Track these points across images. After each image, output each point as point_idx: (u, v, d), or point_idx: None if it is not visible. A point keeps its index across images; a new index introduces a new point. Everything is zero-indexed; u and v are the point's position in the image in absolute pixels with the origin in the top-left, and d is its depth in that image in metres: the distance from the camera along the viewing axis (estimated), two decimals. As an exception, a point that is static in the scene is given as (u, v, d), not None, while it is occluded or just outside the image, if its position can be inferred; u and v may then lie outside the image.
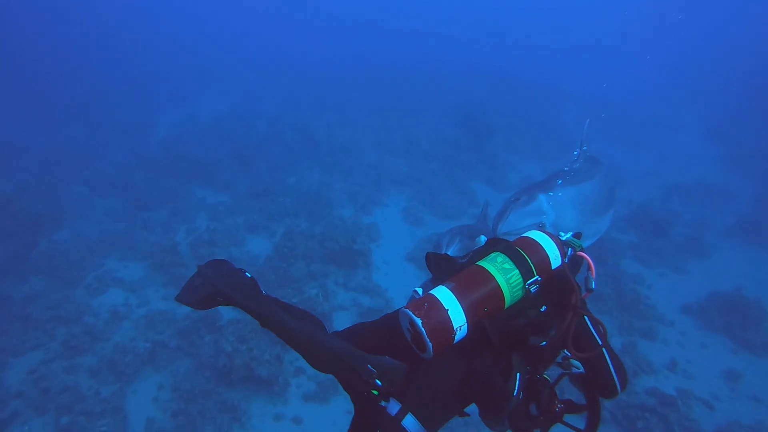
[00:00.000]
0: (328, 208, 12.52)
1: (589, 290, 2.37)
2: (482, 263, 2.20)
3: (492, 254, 2.25)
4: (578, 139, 7.64)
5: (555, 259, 2.30)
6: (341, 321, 8.91)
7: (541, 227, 4.06)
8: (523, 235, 2.41)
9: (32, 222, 10.78)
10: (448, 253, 4.34)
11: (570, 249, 2.50)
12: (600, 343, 2.23)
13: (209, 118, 19.30)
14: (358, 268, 10.23)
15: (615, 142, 19.23)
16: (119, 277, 9.72)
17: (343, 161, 15.50)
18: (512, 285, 2.14)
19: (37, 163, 14.68)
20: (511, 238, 3.98)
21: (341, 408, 7.48)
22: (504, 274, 2.14)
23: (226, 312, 8.79)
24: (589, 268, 2.47)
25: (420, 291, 2.25)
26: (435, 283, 2.20)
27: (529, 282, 2.16)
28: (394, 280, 10.24)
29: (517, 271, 2.16)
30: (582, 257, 2.52)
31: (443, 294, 2.05)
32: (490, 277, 2.12)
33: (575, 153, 6.40)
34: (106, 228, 11.40)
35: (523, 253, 2.24)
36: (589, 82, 24.26)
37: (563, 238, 2.66)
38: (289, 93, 22.63)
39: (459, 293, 2.04)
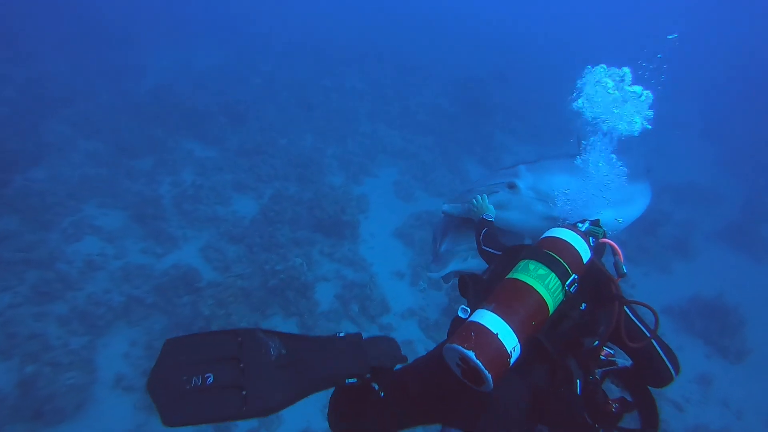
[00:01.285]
0: (318, 174, 12.22)
1: (621, 275, 2.29)
2: (515, 275, 2.04)
3: (522, 263, 2.09)
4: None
5: (585, 252, 2.18)
6: (323, 292, 8.77)
7: (511, 186, 3.89)
8: (545, 235, 2.28)
9: (8, 158, 10.28)
10: (443, 247, 4.25)
11: (592, 238, 2.42)
12: (648, 334, 2.13)
13: (203, 67, 18.61)
14: (345, 239, 10.04)
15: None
16: (97, 224, 9.36)
17: (337, 127, 15.11)
18: (552, 290, 2.00)
19: (17, 95, 13.96)
20: (479, 196, 3.75)
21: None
22: (542, 281, 1.99)
23: (207, 273, 8.59)
24: (615, 253, 2.39)
25: (467, 311, 2.04)
26: (471, 306, 2.03)
27: (567, 283, 2.04)
28: (379, 255, 10.08)
29: (553, 275, 2.02)
30: (605, 244, 2.46)
31: (488, 318, 1.86)
32: (529, 288, 1.96)
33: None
34: (86, 172, 10.95)
35: (554, 255, 2.10)
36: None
37: (582, 229, 2.54)
38: (287, 51, 21.89)
39: (503, 313, 1.87)
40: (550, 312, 1.99)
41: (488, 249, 3.09)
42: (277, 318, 8.20)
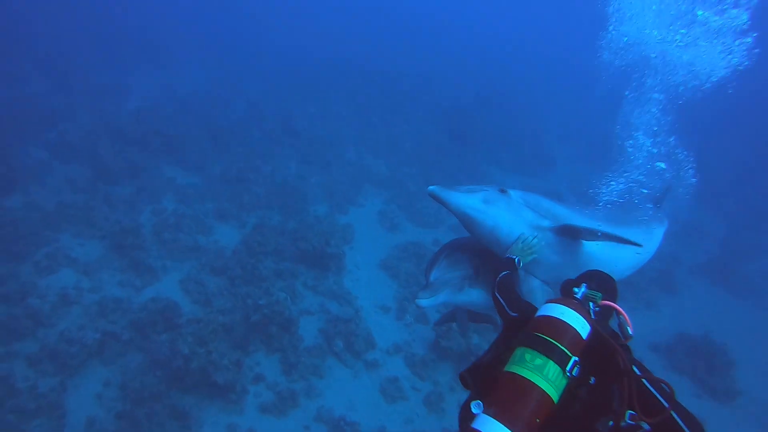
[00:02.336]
0: (302, 202, 12.06)
1: (627, 338, 2.23)
2: (512, 368, 1.97)
3: (517, 352, 2.02)
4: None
5: (583, 328, 2.09)
6: (307, 327, 8.54)
7: (502, 191, 3.78)
8: (538, 314, 2.19)
9: (-19, 184, 9.95)
10: (432, 275, 3.95)
11: (591, 303, 2.34)
12: (666, 404, 2.00)
13: (186, 91, 18.41)
14: (329, 271, 9.85)
15: (597, 164, 19.26)
16: (73, 256, 9.03)
17: (322, 155, 15.00)
18: (553, 380, 1.93)
19: (-4, 116, 13.62)
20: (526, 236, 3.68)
21: (299, 422, 7.12)
22: (540, 373, 1.92)
23: (186, 307, 8.32)
24: (618, 315, 2.32)
25: (480, 406, 1.93)
26: (473, 397, 1.94)
27: (568, 368, 1.96)
28: (364, 288, 9.91)
29: (551, 363, 1.95)
30: (608, 307, 2.36)
31: (489, 426, 1.76)
32: (529, 384, 1.89)
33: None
34: (63, 199, 10.60)
35: (549, 339, 2.01)
36: (576, 101, 24.35)
37: (578, 295, 2.43)
38: (273, 75, 21.83)
39: (506, 420, 1.80)
40: (555, 401, 1.91)
41: (500, 299, 2.94)
42: (260, 354, 7.94)
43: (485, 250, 3.97)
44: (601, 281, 2.60)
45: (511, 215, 3.71)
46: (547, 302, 2.24)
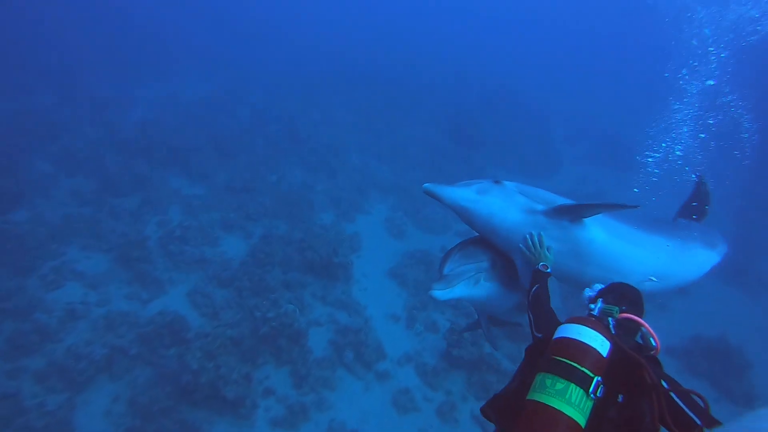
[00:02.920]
0: (309, 211, 11.98)
1: (652, 350, 2.18)
2: (534, 396, 1.92)
3: (538, 378, 1.97)
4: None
5: (603, 346, 2.02)
6: (316, 338, 8.43)
7: (496, 181, 3.69)
8: (556, 337, 2.13)
9: (-13, 199, 9.92)
10: (446, 269, 3.74)
11: (610, 318, 2.26)
12: (697, 420, 1.95)
13: (190, 100, 18.44)
14: (338, 281, 9.75)
15: (605, 165, 19.12)
16: (79, 269, 8.98)
17: (327, 162, 14.93)
18: (577, 404, 1.86)
19: (2, 129, 13.61)
20: (535, 235, 3.53)
21: (310, 436, 7.01)
22: (562, 398, 1.86)
23: (194, 320, 8.23)
24: (640, 327, 2.26)
25: None
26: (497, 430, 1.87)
27: (591, 389, 1.90)
28: (373, 297, 9.80)
29: (573, 386, 1.89)
30: (628, 319, 2.27)
31: None
32: (553, 412, 1.83)
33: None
34: (69, 212, 10.57)
35: (568, 362, 1.96)
36: (581, 104, 24.24)
37: (595, 312, 2.36)
38: (276, 83, 21.84)
39: None
40: (583, 425, 1.85)
41: (530, 317, 2.86)
42: (269, 367, 7.84)
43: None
44: (620, 294, 2.51)
45: (504, 202, 3.64)
46: (563, 323, 2.18)
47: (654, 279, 3.94)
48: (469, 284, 3.68)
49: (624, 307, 2.36)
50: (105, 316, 8.03)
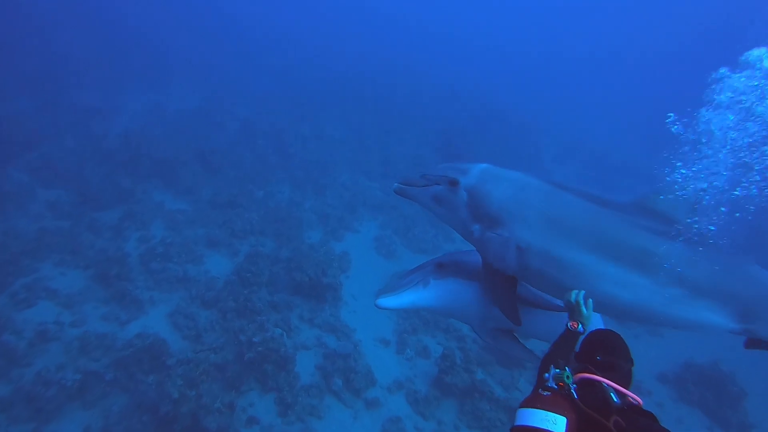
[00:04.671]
0: (297, 229, 11.64)
1: (615, 410, 1.99)
2: None
3: None
4: None
5: (555, 424, 1.92)
6: (304, 363, 8.05)
7: (453, 183, 3.46)
8: (514, 425, 2.04)
9: (-42, 210, 9.42)
10: (401, 290, 3.66)
11: (571, 385, 2.10)
12: None
13: (176, 112, 18.03)
14: (326, 302, 9.42)
15: (590, 185, 19.11)
16: (53, 287, 8.49)
17: (316, 178, 14.65)
18: None
19: (-25, 139, 13.08)
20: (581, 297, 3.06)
21: (296, 471, 6.62)
22: None
23: (175, 343, 7.81)
24: (596, 383, 2.09)
25: None
26: None
27: None
28: (362, 320, 9.47)
29: None
30: (586, 380, 2.14)
31: None
32: None
33: None
34: (45, 225, 10.09)
35: None
36: (570, 122, 24.43)
37: (549, 382, 2.16)
38: (265, 96, 21.56)
39: None
40: None
41: (538, 375, 2.56)
42: (253, 394, 7.44)
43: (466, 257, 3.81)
44: (591, 347, 2.39)
45: (448, 213, 3.59)
46: (519, 406, 2.09)
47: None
48: (417, 289, 3.62)
49: (589, 366, 2.24)
50: (79, 338, 7.56)
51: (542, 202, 3.38)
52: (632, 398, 2.06)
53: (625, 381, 2.22)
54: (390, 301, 3.55)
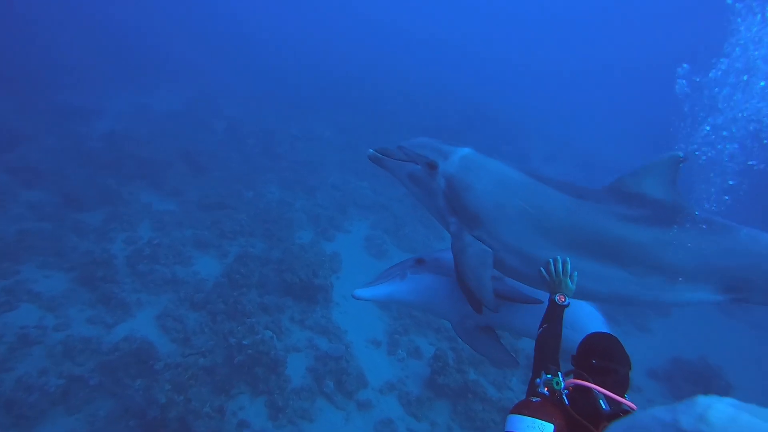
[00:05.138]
0: (287, 229, 11.50)
1: (604, 417, 1.96)
2: None
3: None
4: None
5: (543, 431, 1.93)
6: (295, 365, 7.92)
7: (432, 166, 3.38)
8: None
9: (-64, 212, 9.14)
10: (379, 283, 3.73)
11: (562, 391, 2.12)
12: None
13: (162, 112, 17.79)
14: (317, 304, 9.29)
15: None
16: (36, 290, 8.25)
17: (305, 178, 14.52)
18: None
19: (-46, 138, 12.75)
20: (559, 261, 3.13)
21: (287, 475, 6.49)
22: None
23: (163, 346, 7.63)
24: (592, 390, 2.05)
25: None
26: None
27: None
28: (354, 321, 9.35)
29: None
30: (578, 386, 2.11)
31: None
32: None
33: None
34: (26, 227, 9.82)
35: None
36: (560, 122, 24.57)
37: (540, 387, 2.21)
38: (252, 96, 21.38)
39: None
40: None
41: (534, 365, 2.58)
42: (244, 398, 7.28)
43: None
44: (586, 351, 2.34)
45: (425, 196, 3.57)
46: (509, 412, 2.09)
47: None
48: (394, 282, 3.69)
49: (582, 372, 2.21)
50: (63, 342, 7.34)
51: (523, 200, 3.27)
52: (627, 405, 2.02)
53: (622, 386, 2.20)
54: (366, 293, 3.61)
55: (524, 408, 2.05)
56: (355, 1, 49.18)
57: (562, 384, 2.16)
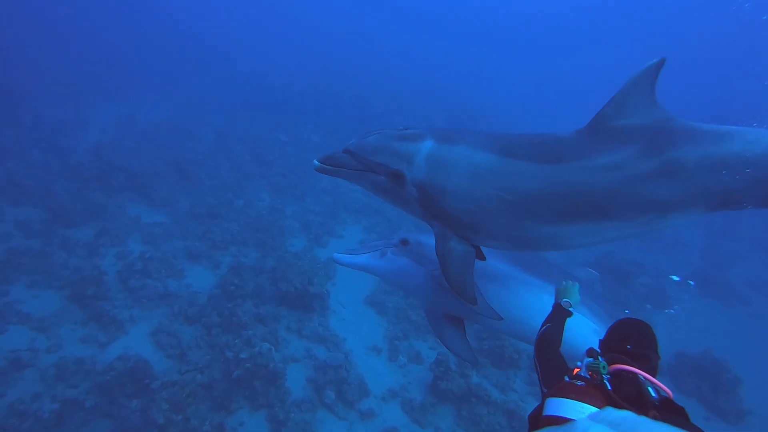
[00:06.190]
0: (279, 237, 11.36)
1: (652, 402, 1.82)
2: None
3: None
4: None
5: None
6: (294, 376, 7.78)
7: (397, 176, 3.06)
8: (544, 414, 1.88)
9: None
10: (359, 253, 4.09)
11: (604, 374, 1.92)
12: None
13: (147, 124, 17.54)
14: (313, 312, 9.17)
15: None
16: (26, 311, 8.04)
17: (295, 184, 14.38)
18: None
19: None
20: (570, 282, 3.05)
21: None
22: None
23: (159, 363, 7.47)
24: (638, 375, 1.90)
25: None
26: None
27: None
28: (352, 328, 9.24)
29: None
30: (621, 371, 1.94)
31: None
32: None
33: None
34: (14, 245, 9.58)
35: None
36: (550, 119, 24.59)
37: (582, 371, 2.03)
38: (238, 104, 21.18)
39: None
40: None
41: (537, 367, 2.47)
42: (243, 412, 7.14)
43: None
44: (621, 336, 2.22)
45: (394, 200, 3.39)
46: (549, 395, 1.93)
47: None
48: (374, 255, 3.96)
49: (621, 355, 2.06)
50: (56, 364, 7.16)
51: (498, 188, 3.03)
52: (665, 391, 1.91)
53: (653, 374, 2.07)
54: (345, 259, 3.97)
55: (569, 391, 1.92)
56: (340, 6, 49.07)
57: (607, 368, 2.00)
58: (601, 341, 2.30)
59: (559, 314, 2.88)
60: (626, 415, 1.56)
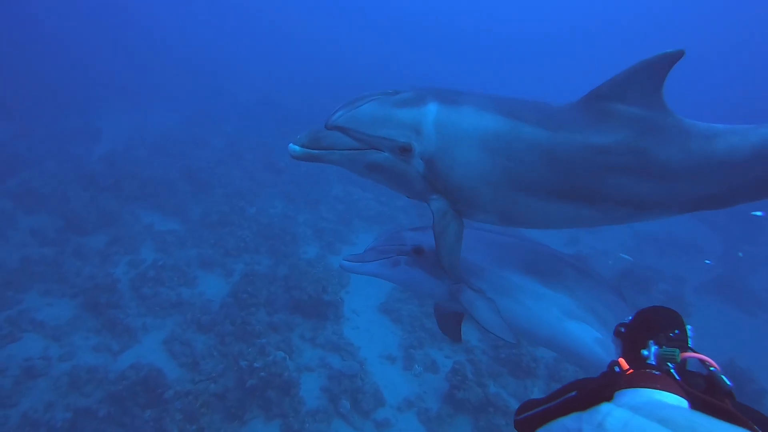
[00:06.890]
0: (292, 245, 11.29)
1: (726, 393, 1.66)
2: None
3: None
4: None
5: None
6: (308, 385, 7.66)
7: (404, 150, 2.76)
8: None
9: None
10: (372, 243, 3.86)
11: (669, 364, 1.76)
12: None
13: (160, 131, 17.61)
14: (327, 320, 9.04)
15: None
16: (39, 319, 8.03)
17: (307, 192, 14.32)
18: None
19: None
20: None
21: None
22: None
23: (172, 372, 7.38)
24: (710, 366, 1.76)
25: None
26: None
27: None
28: (366, 336, 9.11)
29: None
30: (696, 360, 1.80)
31: None
32: None
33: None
34: (29, 253, 9.61)
35: None
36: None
37: (651, 359, 1.81)
38: (249, 110, 21.26)
39: None
40: None
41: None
42: (257, 422, 7.02)
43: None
44: (665, 325, 2.01)
45: (396, 183, 3.15)
46: (626, 384, 1.63)
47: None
48: (386, 264, 3.63)
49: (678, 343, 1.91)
50: (69, 372, 7.10)
51: (505, 156, 2.81)
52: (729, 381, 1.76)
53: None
54: (353, 266, 3.71)
55: (652, 381, 1.71)
56: (350, 17, 49.37)
57: (679, 357, 1.84)
58: (631, 329, 2.07)
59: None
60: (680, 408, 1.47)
